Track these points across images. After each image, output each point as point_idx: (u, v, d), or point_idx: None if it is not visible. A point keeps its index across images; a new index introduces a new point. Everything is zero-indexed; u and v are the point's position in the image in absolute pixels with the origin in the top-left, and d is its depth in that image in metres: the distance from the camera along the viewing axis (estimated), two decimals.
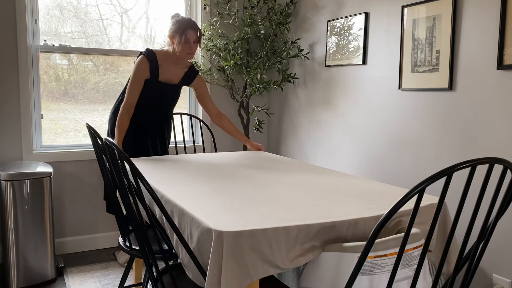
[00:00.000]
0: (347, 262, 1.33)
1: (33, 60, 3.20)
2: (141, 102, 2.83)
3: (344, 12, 3.19)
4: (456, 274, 1.22)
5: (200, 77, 3.01)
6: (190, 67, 2.97)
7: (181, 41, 2.72)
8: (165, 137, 3.07)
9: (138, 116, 2.86)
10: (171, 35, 2.77)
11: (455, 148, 2.45)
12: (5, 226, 2.74)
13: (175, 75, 2.91)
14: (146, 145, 2.97)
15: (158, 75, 2.82)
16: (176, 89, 2.96)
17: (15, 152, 3.16)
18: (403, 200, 1.08)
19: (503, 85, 2.20)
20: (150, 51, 2.81)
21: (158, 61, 2.81)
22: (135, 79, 2.76)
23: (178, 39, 2.73)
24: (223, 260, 1.27)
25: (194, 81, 2.98)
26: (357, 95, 3.10)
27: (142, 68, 2.76)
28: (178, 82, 2.93)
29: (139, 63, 2.77)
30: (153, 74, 2.80)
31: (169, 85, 2.89)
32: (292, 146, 3.81)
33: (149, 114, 2.91)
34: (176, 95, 3.00)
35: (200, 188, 1.80)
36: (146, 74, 2.78)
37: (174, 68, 2.89)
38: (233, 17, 3.56)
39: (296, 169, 2.23)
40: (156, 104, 2.91)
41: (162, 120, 3.01)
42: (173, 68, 2.89)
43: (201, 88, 3.01)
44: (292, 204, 1.59)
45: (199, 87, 3.01)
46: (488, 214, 1.20)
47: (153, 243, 2.09)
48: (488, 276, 2.32)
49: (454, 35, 2.43)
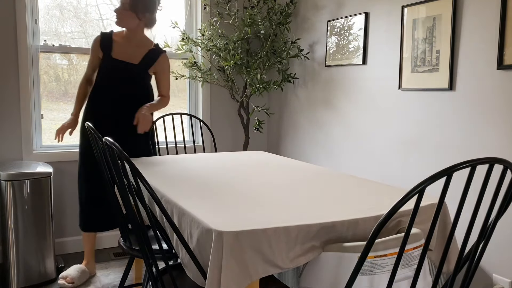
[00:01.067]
0: (347, 262, 1.33)
1: (33, 60, 3.20)
2: (99, 78, 2.79)
3: (344, 12, 3.19)
4: (456, 274, 1.22)
5: (164, 60, 2.85)
6: (154, 47, 2.84)
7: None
8: (138, 134, 2.84)
9: (96, 96, 2.78)
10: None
11: (455, 148, 2.45)
12: (5, 226, 2.74)
13: (133, 54, 2.79)
14: (100, 124, 2.79)
15: (111, 51, 2.77)
16: (134, 70, 2.78)
17: (15, 152, 3.17)
18: (403, 200, 1.08)
19: (503, 85, 2.20)
20: (111, 31, 2.84)
21: (114, 37, 2.79)
22: (90, 52, 2.84)
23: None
24: (223, 260, 1.27)
25: (156, 63, 2.82)
26: (357, 95, 3.10)
27: (94, 43, 2.81)
28: (138, 62, 2.79)
29: (94, 39, 2.83)
30: (105, 50, 2.77)
31: (125, 63, 2.77)
32: (292, 146, 3.81)
33: (106, 94, 2.78)
34: (136, 77, 2.80)
35: (200, 188, 1.80)
36: (97, 48, 2.79)
37: (133, 47, 2.80)
38: (233, 17, 3.56)
39: (296, 169, 2.23)
40: (112, 83, 2.78)
41: (125, 107, 2.79)
42: (131, 46, 2.80)
43: (162, 73, 2.86)
44: (292, 204, 1.59)
45: (160, 70, 2.85)
46: (488, 214, 1.20)
47: (153, 243, 2.09)
48: (488, 276, 2.32)
49: (454, 35, 2.43)
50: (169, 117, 3.64)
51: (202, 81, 3.62)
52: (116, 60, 2.76)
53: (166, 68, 2.88)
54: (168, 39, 3.69)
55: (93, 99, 2.80)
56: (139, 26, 2.78)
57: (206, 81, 3.64)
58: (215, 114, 3.90)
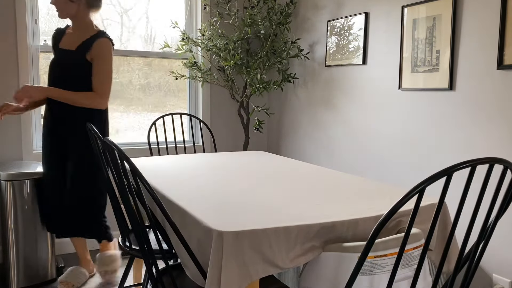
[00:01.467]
0: (347, 262, 1.33)
1: (33, 60, 3.20)
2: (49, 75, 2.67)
3: (344, 12, 3.19)
4: (456, 274, 1.22)
5: (100, 45, 2.54)
6: (96, 33, 2.61)
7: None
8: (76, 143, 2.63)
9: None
10: None
11: (455, 148, 2.45)
12: (5, 226, 2.74)
13: (74, 41, 2.63)
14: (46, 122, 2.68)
15: (59, 42, 2.67)
16: (71, 56, 2.58)
17: (15, 152, 3.16)
18: (403, 200, 1.08)
19: (503, 85, 2.20)
20: (67, 25, 2.72)
21: (67, 29, 2.70)
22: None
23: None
24: (223, 260, 1.27)
25: (91, 48, 2.54)
26: (357, 95, 3.10)
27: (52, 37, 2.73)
28: (75, 48, 2.59)
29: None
30: (55, 42, 2.69)
31: (65, 50, 2.63)
32: (292, 146, 3.81)
33: (49, 84, 2.66)
34: (72, 63, 2.58)
35: (200, 188, 1.80)
36: (52, 44, 2.72)
37: (77, 34, 2.64)
38: (233, 17, 3.56)
39: (296, 169, 2.23)
40: (53, 73, 2.65)
41: (65, 107, 2.59)
42: (75, 34, 2.65)
43: (97, 59, 2.55)
44: (292, 204, 1.59)
45: (95, 57, 2.54)
46: (488, 214, 1.20)
47: (153, 243, 2.09)
48: (488, 276, 2.32)
49: (454, 35, 2.43)
50: (169, 117, 3.64)
51: (202, 81, 3.62)
52: (59, 50, 2.66)
53: (102, 55, 2.54)
54: (168, 39, 3.69)
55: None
56: (79, 10, 2.60)
57: (206, 81, 3.64)
58: (215, 114, 3.90)
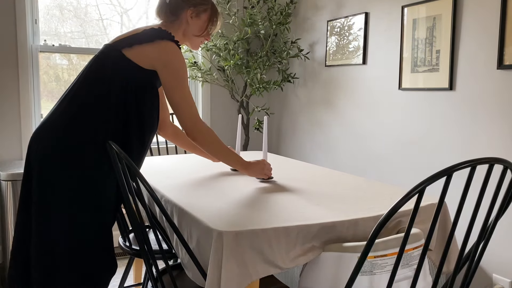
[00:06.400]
0: (347, 262, 1.33)
1: (33, 60, 3.20)
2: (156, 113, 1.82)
3: (344, 12, 3.19)
4: (456, 274, 1.22)
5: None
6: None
7: (206, 26, 1.87)
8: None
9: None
10: (198, 11, 1.83)
11: (455, 148, 2.45)
12: (5, 226, 2.74)
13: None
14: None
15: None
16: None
17: (15, 152, 3.17)
18: (403, 200, 1.08)
19: (503, 85, 2.20)
20: (172, 36, 1.75)
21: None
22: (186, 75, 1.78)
23: (206, 23, 1.86)
24: (223, 260, 1.27)
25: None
26: (357, 95, 3.10)
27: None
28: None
29: (181, 53, 1.74)
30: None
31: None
32: (292, 146, 3.81)
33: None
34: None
35: (200, 188, 1.80)
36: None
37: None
38: (233, 17, 3.56)
39: (296, 169, 2.23)
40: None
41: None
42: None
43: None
44: (292, 204, 1.59)
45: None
46: (488, 214, 1.20)
47: (153, 243, 2.09)
48: (488, 276, 2.32)
49: (454, 35, 2.43)
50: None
51: (202, 81, 3.62)
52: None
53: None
54: None
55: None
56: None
57: (206, 81, 3.63)
58: (215, 114, 3.90)
